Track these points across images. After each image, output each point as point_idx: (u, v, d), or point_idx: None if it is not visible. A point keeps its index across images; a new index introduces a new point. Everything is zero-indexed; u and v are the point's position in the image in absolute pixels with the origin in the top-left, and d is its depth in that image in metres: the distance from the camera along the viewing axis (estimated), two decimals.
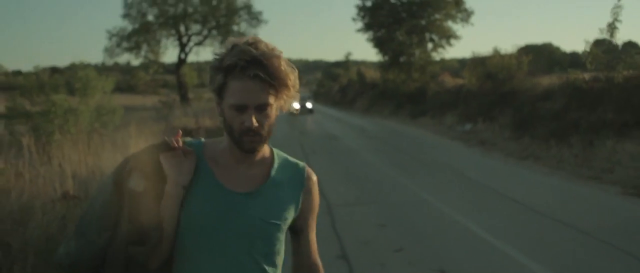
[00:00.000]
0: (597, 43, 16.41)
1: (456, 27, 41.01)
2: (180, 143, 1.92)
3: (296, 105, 35.59)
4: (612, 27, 15.84)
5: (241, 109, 1.85)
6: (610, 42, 16.01)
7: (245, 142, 1.89)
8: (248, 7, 43.31)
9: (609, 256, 6.65)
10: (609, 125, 13.95)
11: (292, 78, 1.90)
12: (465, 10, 39.22)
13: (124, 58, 40.32)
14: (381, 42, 40.33)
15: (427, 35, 39.21)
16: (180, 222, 1.92)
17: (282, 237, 2.03)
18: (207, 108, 32.85)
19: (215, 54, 1.92)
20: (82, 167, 8.32)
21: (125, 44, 41.14)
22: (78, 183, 7.48)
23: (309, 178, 2.10)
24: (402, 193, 10.66)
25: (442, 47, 39.36)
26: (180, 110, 29.34)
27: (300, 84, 1.92)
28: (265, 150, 2.03)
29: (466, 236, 7.60)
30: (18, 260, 5.11)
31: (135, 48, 41.54)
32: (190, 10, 42.47)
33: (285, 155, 2.13)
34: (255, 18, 43.64)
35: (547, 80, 21.58)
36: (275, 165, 2.05)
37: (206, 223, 1.91)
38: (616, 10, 15.75)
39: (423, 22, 38.88)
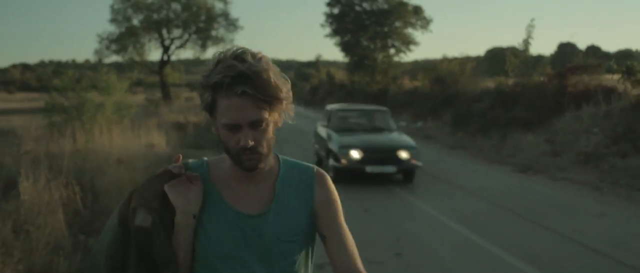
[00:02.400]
0: (516, 54, 20.07)
1: (416, 33, 44.49)
2: (183, 170, 1.83)
3: (354, 153, 12.23)
4: (526, 42, 19.53)
5: (234, 128, 1.75)
6: (525, 54, 19.68)
7: (244, 161, 1.78)
8: (226, 15, 47.03)
9: (483, 205, 10.15)
10: (519, 121, 17.56)
11: (284, 90, 1.78)
12: (424, 18, 42.92)
13: (112, 59, 43.63)
14: (347, 46, 43.81)
15: (389, 41, 42.77)
16: (195, 252, 1.85)
17: (304, 249, 1.94)
18: (188, 106, 36.20)
19: (204, 73, 1.79)
20: (118, 144, 11.68)
21: (113, 47, 44.80)
22: (120, 153, 10.84)
23: (319, 178, 1.97)
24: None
25: (403, 52, 43.00)
26: (165, 107, 32.56)
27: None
28: (271, 161, 1.93)
29: (388, 192, 11.10)
30: (100, 198, 8.42)
31: (122, 50, 45.08)
32: (172, 16, 46.10)
33: (293, 160, 2.02)
34: (232, 24, 47.24)
35: (490, 83, 25.22)
36: (280, 178, 1.93)
37: (223, 251, 1.83)
38: (529, 28, 19.46)
39: (385, 29, 42.42)
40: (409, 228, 8.50)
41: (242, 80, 1.70)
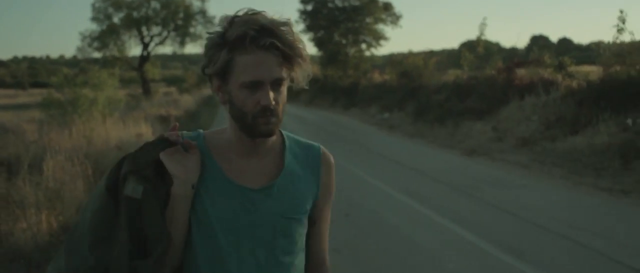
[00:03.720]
0: (470, 49, 22.04)
1: (387, 29, 46.61)
2: (180, 137, 1.75)
3: None
4: (479, 39, 21.47)
5: (256, 86, 1.65)
6: (476, 49, 21.67)
7: (261, 124, 1.69)
8: (203, 13, 49.42)
9: (428, 181, 12.01)
10: (471, 111, 19.50)
11: (304, 47, 1.72)
12: (394, 14, 44.89)
13: (93, 55, 45.60)
14: (320, 42, 45.68)
15: (361, 36, 44.72)
16: (191, 225, 1.76)
17: (303, 230, 1.88)
18: (168, 100, 37.88)
19: (209, 33, 1.71)
20: (112, 134, 13.40)
21: (95, 44, 46.60)
22: (115, 141, 12.58)
23: (326, 161, 1.93)
24: None
25: (374, 47, 44.99)
26: (145, 102, 34.18)
27: None
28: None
29: (347, 173, 12.94)
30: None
31: (103, 47, 46.90)
32: (151, 14, 47.94)
33: (296, 137, 1.96)
34: (209, 22, 49.33)
35: (451, 76, 27.18)
36: (287, 151, 1.87)
37: (221, 225, 1.75)
38: (482, 27, 21.43)
39: (357, 25, 44.34)
40: (358, 199, 10.32)
41: (266, 33, 1.63)
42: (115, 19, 47.50)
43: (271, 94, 1.67)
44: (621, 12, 15.35)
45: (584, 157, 12.80)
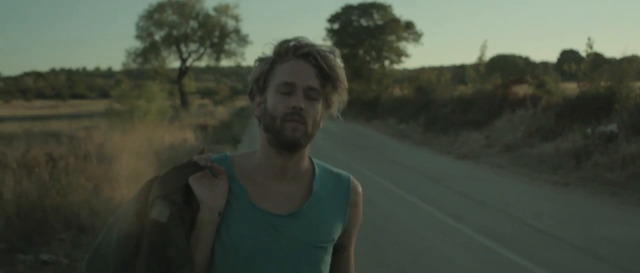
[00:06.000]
0: (474, 68, 24.85)
1: (409, 46, 49.61)
2: (209, 162, 1.75)
3: None
4: (481, 59, 24.30)
5: (289, 89, 1.70)
6: (478, 68, 24.48)
7: (288, 129, 1.69)
8: (237, 31, 53.34)
9: (420, 178, 14.85)
10: (471, 122, 22.29)
11: (343, 75, 1.79)
12: (415, 32, 47.80)
13: (132, 69, 49.86)
14: (346, 58, 48.75)
15: (383, 53, 47.74)
16: (214, 253, 1.76)
17: (328, 258, 1.88)
18: (204, 112, 41.20)
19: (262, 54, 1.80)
20: (165, 137, 16.51)
21: (139, 60, 50.56)
22: (168, 143, 15.66)
23: (355, 190, 1.97)
24: (334, 160, 18.85)
25: (396, 63, 47.96)
26: (184, 113, 37.51)
27: None
28: (306, 161, 1.86)
29: (358, 174, 15.83)
30: (164, 166, 13.16)
31: (146, 62, 50.83)
32: (189, 32, 51.86)
33: (326, 165, 1.97)
34: (242, 40, 53.21)
35: (460, 90, 29.94)
36: (317, 178, 1.87)
37: (246, 252, 1.74)
38: (483, 48, 24.29)
39: (380, 43, 47.37)
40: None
41: (307, 47, 1.74)
42: (157, 37, 51.75)
43: (302, 100, 1.70)
44: (589, 39, 18.10)
45: (549, 159, 15.55)
